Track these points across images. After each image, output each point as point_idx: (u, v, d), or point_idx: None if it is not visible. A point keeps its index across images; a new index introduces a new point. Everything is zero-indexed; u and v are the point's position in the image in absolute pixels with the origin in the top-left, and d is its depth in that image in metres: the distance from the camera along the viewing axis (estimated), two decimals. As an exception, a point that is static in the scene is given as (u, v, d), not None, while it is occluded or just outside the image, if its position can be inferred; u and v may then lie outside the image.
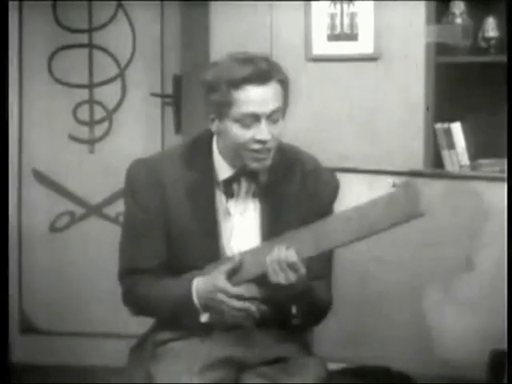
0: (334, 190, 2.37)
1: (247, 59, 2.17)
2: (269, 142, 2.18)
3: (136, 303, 2.32)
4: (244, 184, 2.28)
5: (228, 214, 2.28)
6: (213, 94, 2.19)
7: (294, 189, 2.30)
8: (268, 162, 2.23)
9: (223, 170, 2.27)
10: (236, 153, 2.22)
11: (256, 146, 2.19)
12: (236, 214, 2.29)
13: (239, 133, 2.18)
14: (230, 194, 2.28)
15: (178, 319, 2.25)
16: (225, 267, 2.18)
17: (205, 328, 2.24)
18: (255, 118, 2.16)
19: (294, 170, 2.32)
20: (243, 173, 2.26)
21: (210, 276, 2.18)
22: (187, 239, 2.26)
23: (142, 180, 2.28)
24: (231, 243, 2.28)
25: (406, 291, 3.07)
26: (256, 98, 2.15)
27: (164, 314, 2.29)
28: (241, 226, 2.29)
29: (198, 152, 2.30)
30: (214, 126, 2.24)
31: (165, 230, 2.27)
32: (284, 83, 2.21)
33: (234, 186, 2.28)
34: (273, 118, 2.18)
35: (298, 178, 2.31)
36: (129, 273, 2.31)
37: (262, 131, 2.17)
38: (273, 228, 2.26)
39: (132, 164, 2.32)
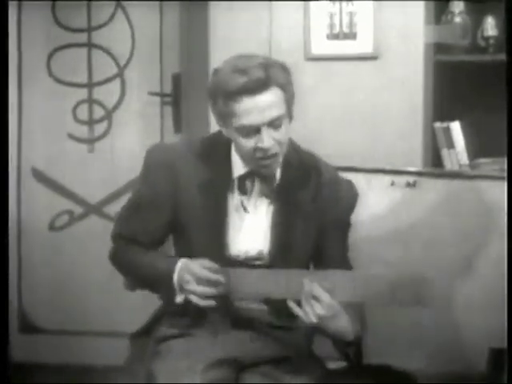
0: (351, 202, 2.37)
1: (241, 69, 2.14)
2: (272, 149, 2.18)
3: (121, 264, 2.38)
4: (258, 183, 2.29)
5: (239, 210, 2.29)
6: (214, 104, 2.21)
7: (307, 197, 2.30)
8: (276, 167, 2.25)
9: (239, 167, 2.29)
10: (245, 159, 2.25)
11: (260, 154, 2.19)
12: (247, 211, 2.30)
13: (242, 142, 2.19)
14: (243, 191, 2.29)
15: (156, 292, 2.30)
16: (209, 263, 2.18)
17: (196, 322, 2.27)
18: (255, 128, 2.16)
19: (309, 179, 2.32)
20: (257, 173, 2.28)
21: (193, 260, 2.20)
22: (195, 231, 2.28)
23: (156, 164, 2.31)
24: (239, 240, 2.29)
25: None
26: (253, 108, 2.14)
27: (145, 282, 2.32)
28: (251, 224, 2.30)
29: (216, 147, 2.31)
30: (224, 132, 2.26)
31: (169, 217, 2.30)
32: (285, 86, 2.19)
33: (248, 184, 2.29)
34: (274, 124, 2.17)
35: (312, 187, 2.31)
36: (121, 237, 2.37)
37: (263, 140, 2.16)
38: (282, 232, 2.27)
39: (151, 147, 2.37)
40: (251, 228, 2.30)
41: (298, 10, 3.58)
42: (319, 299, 2.09)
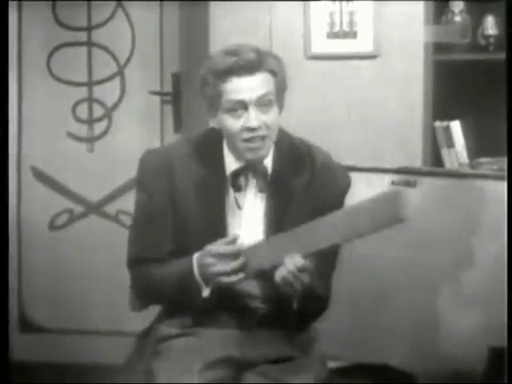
0: (344, 187, 2.36)
1: (233, 51, 2.19)
2: (260, 130, 2.19)
3: (143, 289, 2.34)
4: (251, 179, 2.29)
5: (236, 207, 2.29)
6: (205, 87, 2.23)
7: (301, 184, 2.30)
8: (263, 152, 2.24)
9: (231, 163, 2.28)
10: (234, 145, 2.24)
11: (247, 135, 2.20)
12: (244, 208, 2.29)
13: (230, 123, 2.20)
14: (237, 188, 2.29)
15: (182, 298, 2.24)
16: (223, 240, 2.19)
17: (207, 311, 2.25)
18: (243, 105, 2.18)
19: (303, 165, 2.31)
20: (251, 167, 2.27)
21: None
22: (195, 231, 2.27)
23: (151, 169, 2.31)
24: (239, 238, 2.27)
25: (405, 288, 3.07)
26: (242, 87, 2.17)
27: (169, 294, 2.28)
28: (248, 220, 2.29)
29: (209, 145, 2.32)
30: (214, 122, 2.26)
31: (173, 220, 2.29)
32: (276, 73, 2.22)
33: (242, 180, 2.29)
34: (262, 103, 2.18)
35: (306, 173, 2.30)
36: (137, 261, 2.32)
37: (251, 118, 2.18)
38: (277, 223, 2.26)
39: (144, 153, 2.36)
40: (250, 225, 2.29)
41: (298, 8, 3.58)
42: (305, 269, 2.11)
